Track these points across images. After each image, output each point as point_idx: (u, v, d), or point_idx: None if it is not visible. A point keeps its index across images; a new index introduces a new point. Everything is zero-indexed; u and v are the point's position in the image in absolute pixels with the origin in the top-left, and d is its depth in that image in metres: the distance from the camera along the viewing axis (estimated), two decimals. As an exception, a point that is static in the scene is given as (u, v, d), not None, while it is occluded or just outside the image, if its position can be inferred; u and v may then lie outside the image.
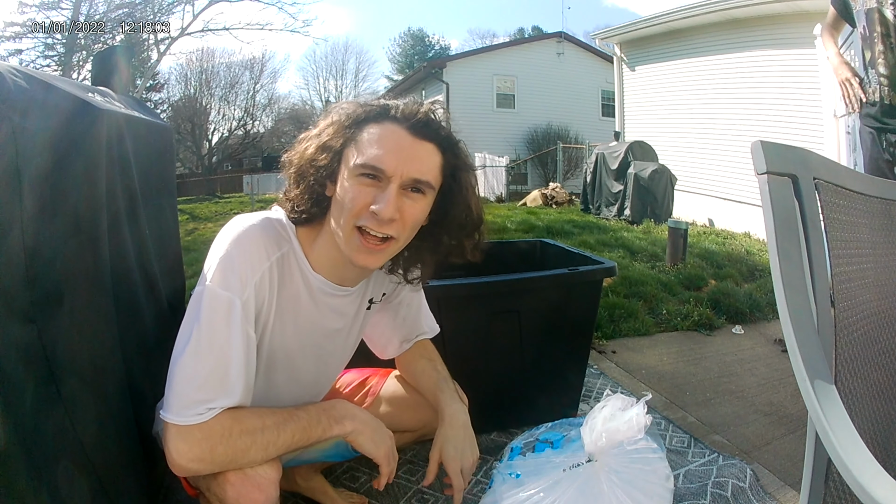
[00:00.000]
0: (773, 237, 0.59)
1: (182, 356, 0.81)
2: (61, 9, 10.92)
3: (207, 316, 0.81)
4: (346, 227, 0.85)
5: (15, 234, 0.75)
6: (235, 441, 0.82)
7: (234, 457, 0.83)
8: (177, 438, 0.80)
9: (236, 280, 0.83)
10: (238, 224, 0.87)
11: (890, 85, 1.83)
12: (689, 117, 7.28)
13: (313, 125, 0.92)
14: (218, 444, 0.81)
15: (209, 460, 0.81)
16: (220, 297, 0.82)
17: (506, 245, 2.19)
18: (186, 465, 0.81)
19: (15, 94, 0.77)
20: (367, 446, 0.95)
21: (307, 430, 0.89)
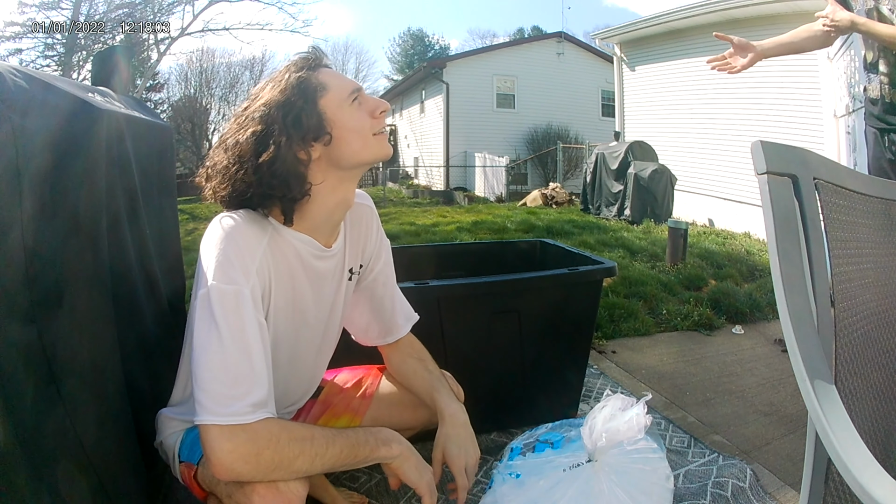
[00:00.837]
0: (773, 237, 0.59)
1: (205, 356, 0.80)
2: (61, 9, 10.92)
3: (220, 313, 0.81)
4: (367, 141, 0.93)
5: (15, 234, 0.75)
6: (284, 448, 0.81)
7: (280, 463, 0.81)
8: (220, 438, 0.78)
9: (237, 272, 0.83)
10: (219, 224, 0.88)
11: (890, 83, 1.83)
12: (689, 117, 7.28)
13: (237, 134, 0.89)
14: (265, 449, 0.79)
15: (255, 463, 0.79)
16: (228, 292, 0.82)
17: (506, 245, 2.19)
18: (232, 466, 0.78)
19: (15, 94, 0.77)
20: (411, 474, 0.94)
21: (355, 448, 0.89)
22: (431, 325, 1.50)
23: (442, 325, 1.50)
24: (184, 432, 1.01)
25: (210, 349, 0.80)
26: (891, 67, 1.82)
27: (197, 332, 0.82)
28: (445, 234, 5.44)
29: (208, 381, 0.79)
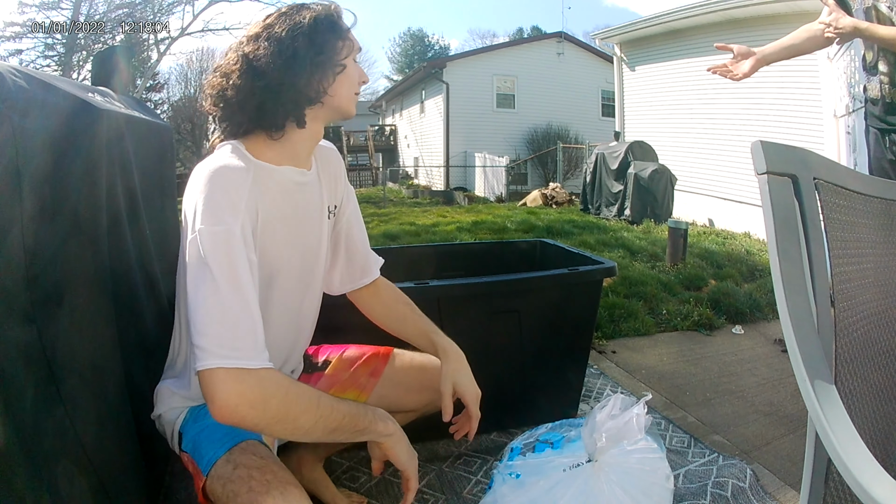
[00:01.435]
0: (773, 237, 0.59)
1: (202, 301, 0.78)
2: (61, 9, 10.93)
3: (212, 255, 0.79)
4: (350, 97, 0.99)
5: (15, 234, 0.75)
6: (291, 400, 0.80)
7: (286, 416, 0.80)
8: (228, 381, 0.75)
9: (225, 212, 0.82)
10: (203, 168, 0.86)
11: (891, 83, 1.83)
12: (689, 117, 7.28)
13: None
14: (273, 397, 0.78)
15: (262, 409, 0.77)
16: (218, 233, 0.80)
17: (506, 245, 2.20)
18: (238, 409, 0.76)
19: (15, 94, 0.77)
20: (402, 454, 0.95)
21: (355, 418, 0.88)
22: (431, 325, 1.50)
23: (442, 325, 1.50)
24: (187, 411, 0.99)
25: (206, 293, 0.78)
26: (891, 67, 1.82)
27: (191, 280, 0.80)
28: (445, 234, 5.44)
29: (208, 326, 0.77)
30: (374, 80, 33.90)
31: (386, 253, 1.30)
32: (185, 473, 1.43)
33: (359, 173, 17.82)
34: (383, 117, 22.57)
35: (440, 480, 1.43)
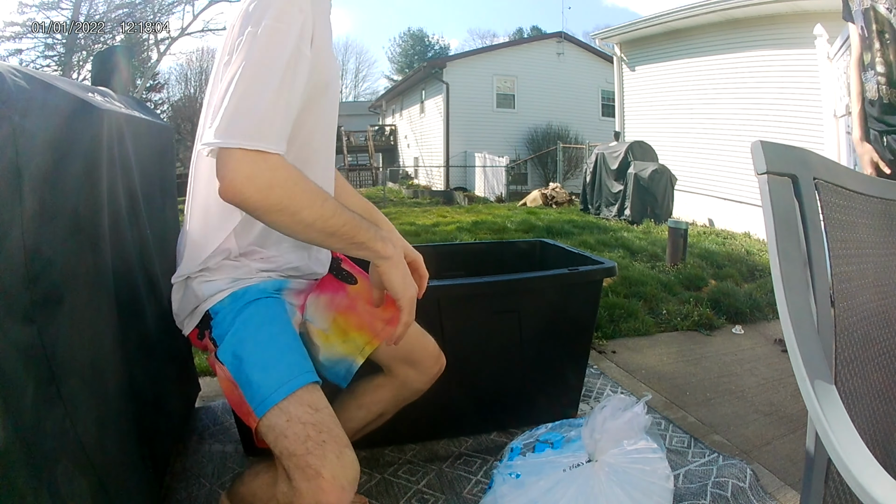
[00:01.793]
0: (773, 237, 0.59)
1: (244, 81, 0.77)
2: (61, 9, 10.93)
3: (270, 42, 0.79)
4: None
5: (15, 234, 0.75)
6: (297, 194, 0.80)
7: (287, 207, 0.79)
8: (243, 162, 0.76)
9: (295, 8, 0.81)
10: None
11: (888, 83, 1.83)
12: (689, 117, 7.28)
13: None
14: (279, 187, 0.78)
15: (265, 195, 0.77)
16: (280, 28, 0.79)
17: (506, 245, 2.19)
18: (242, 190, 0.76)
19: (15, 94, 0.77)
20: (395, 282, 0.91)
21: (357, 229, 0.87)
22: (431, 325, 1.50)
23: (442, 325, 1.50)
24: (228, 297, 0.95)
25: (251, 74, 0.77)
26: (888, 67, 1.82)
27: (238, 63, 0.78)
28: (445, 234, 5.44)
29: (243, 101, 0.76)
30: (374, 80, 33.94)
31: (386, 253, 1.30)
32: (186, 473, 1.44)
33: (359, 173, 17.83)
34: (383, 117, 22.58)
35: (440, 480, 1.43)
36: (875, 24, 1.81)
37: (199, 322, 0.97)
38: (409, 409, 1.56)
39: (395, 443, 1.59)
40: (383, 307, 1.11)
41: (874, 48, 1.84)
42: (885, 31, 1.79)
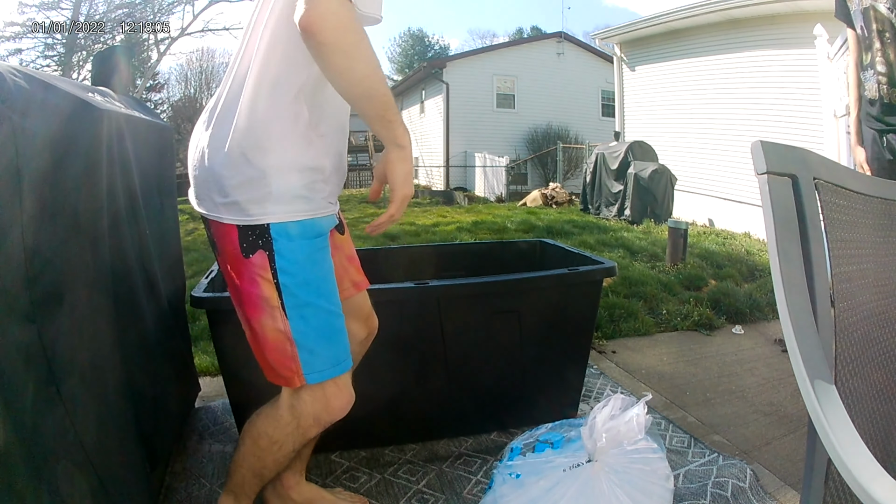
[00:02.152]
0: (773, 237, 0.59)
1: None
2: (61, 9, 10.93)
3: None
4: None
5: (15, 234, 0.75)
6: (363, 46, 0.85)
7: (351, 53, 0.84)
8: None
9: None
10: None
11: (888, 83, 1.83)
12: (689, 117, 7.28)
13: None
14: (353, 33, 0.84)
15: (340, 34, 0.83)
16: None
17: (506, 245, 2.19)
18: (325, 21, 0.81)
19: (15, 94, 0.77)
20: (398, 174, 0.93)
21: (391, 106, 0.91)
22: (431, 325, 1.50)
23: (442, 325, 1.50)
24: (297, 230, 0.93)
25: None
26: (888, 67, 1.82)
27: None
28: (445, 234, 5.44)
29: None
30: (374, 80, 33.82)
31: (386, 253, 1.30)
32: (186, 473, 1.44)
33: (359, 173, 17.81)
34: (383, 117, 22.52)
35: (440, 480, 1.43)
36: (875, 24, 1.81)
37: (250, 228, 0.92)
38: (409, 409, 1.56)
39: (395, 443, 1.59)
40: (355, 268, 1.19)
41: (874, 47, 1.83)
42: (885, 31, 1.79)
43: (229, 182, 0.92)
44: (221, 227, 0.94)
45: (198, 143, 0.96)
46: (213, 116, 0.95)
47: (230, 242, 0.93)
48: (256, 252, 0.92)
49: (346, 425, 1.55)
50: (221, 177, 0.92)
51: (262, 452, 1.05)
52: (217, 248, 0.97)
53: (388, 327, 1.46)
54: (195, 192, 0.97)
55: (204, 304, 1.35)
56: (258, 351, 0.98)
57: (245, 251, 0.93)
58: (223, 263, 0.97)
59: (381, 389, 1.51)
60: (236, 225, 0.92)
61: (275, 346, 0.95)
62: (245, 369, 1.43)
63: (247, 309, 0.96)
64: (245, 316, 0.97)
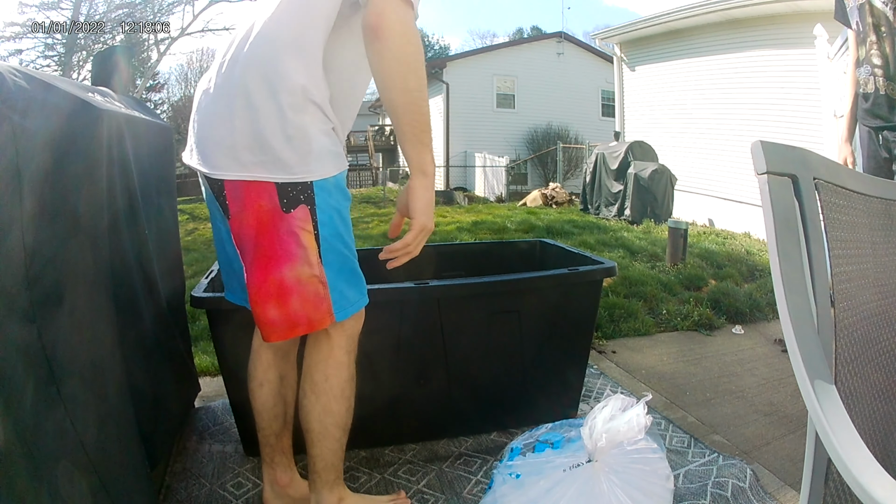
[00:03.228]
0: (773, 237, 0.59)
1: None
2: (61, 9, 10.93)
3: None
4: None
5: (15, 234, 0.75)
6: (419, 58, 0.95)
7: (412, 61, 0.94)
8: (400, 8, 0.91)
9: None
10: None
11: (884, 75, 1.82)
12: (689, 117, 7.28)
13: None
14: (414, 44, 0.93)
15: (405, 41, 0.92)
16: None
17: (506, 245, 2.19)
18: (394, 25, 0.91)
19: (15, 94, 0.77)
20: (422, 202, 1.03)
21: (429, 129, 1.00)
22: (431, 325, 1.50)
23: (442, 326, 1.50)
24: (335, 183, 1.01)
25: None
26: (884, 60, 1.81)
27: None
28: (445, 234, 5.44)
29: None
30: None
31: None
32: (186, 473, 1.44)
33: (359, 173, 17.81)
34: (383, 117, 22.55)
35: (440, 480, 1.43)
36: (871, 18, 1.81)
37: (291, 185, 0.96)
38: (409, 409, 1.56)
39: (395, 443, 1.59)
40: None
41: (869, 41, 1.83)
42: (880, 25, 1.79)
43: (272, 140, 0.94)
44: (253, 186, 0.96)
45: (218, 106, 0.98)
46: (239, 77, 0.96)
47: (267, 199, 0.97)
48: (298, 207, 0.97)
49: (346, 425, 1.55)
50: (262, 136, 0.94)
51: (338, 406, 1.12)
52: (236, 208, 0.99)
53: (388, 327, 1.46)
54: (213, 154, 0.98)
55: (204, 304, 1.35)
56: (282, 301, 1.00)
57: (286, 206, 0.97)
58: (250, 219, 0.98)
59: (381, 389, 1.51)
60: (275, 182, 0.96)
61: (308, 290, 1.00)
62: (245, 369, 1.43)
63: (279, 260, 0.98)
64: (271, 268, 0.99)
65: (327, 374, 1.11)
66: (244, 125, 0.95)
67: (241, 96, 0.95)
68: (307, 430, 1.13)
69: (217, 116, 0.98)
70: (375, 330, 1.48)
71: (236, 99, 0.96)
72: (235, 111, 0.95)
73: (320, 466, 1.14)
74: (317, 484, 1.15)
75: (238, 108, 0.95)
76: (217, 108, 0.98)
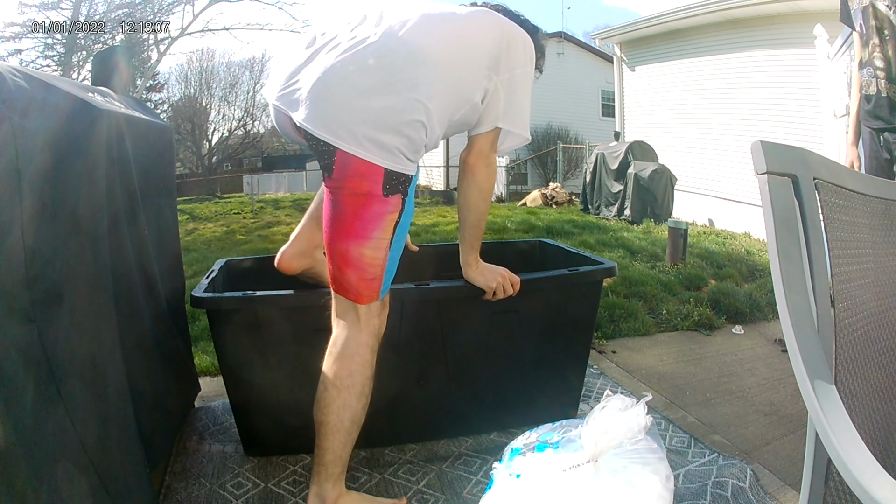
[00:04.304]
0: (773, 237, 0.59)
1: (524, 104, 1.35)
2: (61, 9, 10.93)
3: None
4: None
5: (15, 234, 0.75)
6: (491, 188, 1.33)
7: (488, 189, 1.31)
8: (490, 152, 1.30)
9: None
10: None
11: (886, 77, 1.83)
12: (689, 117, 7.28)
13: None
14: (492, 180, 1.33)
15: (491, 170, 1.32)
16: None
17: (506, 245, 2.19)
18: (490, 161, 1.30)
19: (15, 94, 0.77)
20: (473, 278, 1.40)
21: (480, 240, 1.38)
22: (431, 325, 1.50)
23: (442, 326, 1.50)
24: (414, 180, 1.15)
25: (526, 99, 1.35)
26: (886, 63, 1.82)
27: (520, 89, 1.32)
28: (445, 234, 5.44)
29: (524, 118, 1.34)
30: (374, 80, 33.91)
31: (386, 253, 1.30)
32: (186, 473, 1.44)
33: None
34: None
35: (440, 480, 1.43)
36: (874, 21, 1.81)
37: (397, 175, 1.08)
38: (409, 409, 1.56)
39: (395, 443, 1.59)
40: None
41: (871, 43, 1.84)
42: (884, 28, 1.79)
43: (399, 127, 1.06)
44: (365, 165, 1.05)
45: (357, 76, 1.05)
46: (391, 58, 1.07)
47: (373, 181, 1.06)
48: (396, 195, 1.09)
49: (346, 425, 1.55)
50: (389, 122, 1.05)
51: (357, 402, 1.18)
52: (339, 174, 1.07)
53: (388, 328, 1.46)
54: (333, 120, 1.04)
55: (204, 304, 1.35)
56: (344, 273, 1.13)
57: (387, 192, 1.08)
58: (347, 190, 1.08)
59: (381, 389, 1.51)
60: (384, 168, 1.06)
61: (370, 270, 1.12)
62: (245, 369, 1.43)
63: (352, 235, 1.10)
64: (346, 242, 1.11)
65: (352, 370, 1.16)
66: (379, 105, 1.04)
67: (386, 77, 1.05)
68: (323, 422, 1.16)
69: (352, 86, 1.04)
70: (375, 330, 1.48)
71: (382, 76, 1.05)
72: (377, 89, 1.04)
73: (329, 459, 1.16)
74: (321, 476, 1.17)
75: (380, 86, 1.04)
76: (356, 78, 1.05)
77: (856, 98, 1.99)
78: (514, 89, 1.24)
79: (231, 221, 7.95)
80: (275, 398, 1.44)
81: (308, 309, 1.42)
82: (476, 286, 1.46)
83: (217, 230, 7.09)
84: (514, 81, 1.24)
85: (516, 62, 1.23)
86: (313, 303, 1.45)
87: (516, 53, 1.23)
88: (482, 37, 1.18)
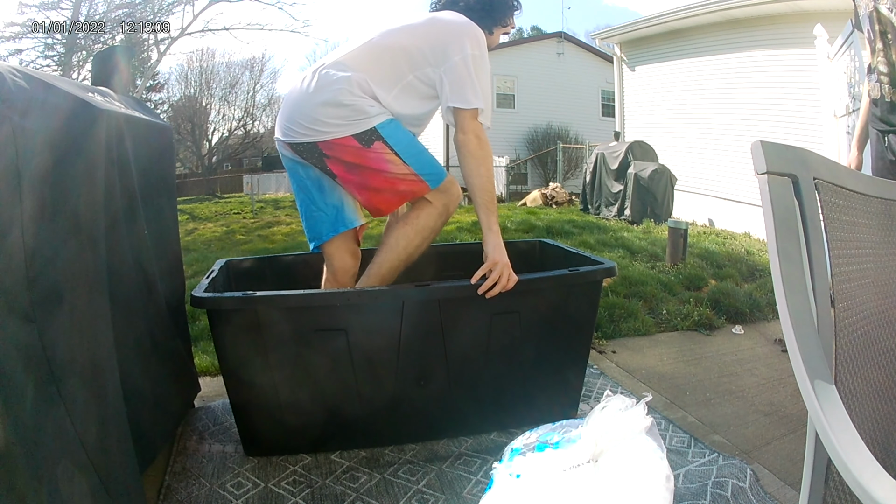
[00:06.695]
0: (773, 237, 0.59)
1: (484, 80, 1.67)
2: (61, 9, 10.92)
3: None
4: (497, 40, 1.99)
5: (15, 234, 0.75)
6: (490, 156, 1.58)
7: (485, 157, 1.56)
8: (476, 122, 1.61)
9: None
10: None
11: (890, 83, 1.83)
12: (689, 117, 7.28)
13: None
14: (484, 149, 1.56)
15: (482, 140, 1.58)
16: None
17: (506, 245, 2.18)
18: (479, 134, 1.57)
19: (15, 94, 0.77)
20: (489, 244, 1.51)
21: (495, 203, 1.54)
22: (432, 325, 1.50)
23: (442, 326, 1.50)
24: (386, 118, 1.50)
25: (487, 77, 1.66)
26: (890, 67, 1.82)
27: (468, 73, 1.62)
28: (445, 234, 5.44)
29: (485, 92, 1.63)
30: (374, 80, 33.95)
31: (386, 253, 1.30)
32: (186, 473, 1.44)
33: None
34: (383, 117, 22.56)
35: (440, 480, 1.43)
36: (878, 25, 1.81)
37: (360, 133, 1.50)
38: (409, 409, 1.56)
39: (395, 443, 1.59)
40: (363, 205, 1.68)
41: (876, 48, 1.84)
42: (887, 32, 1.79)
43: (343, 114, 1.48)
44: (336, 142, 1.48)
45: (313, 95, 1.49)
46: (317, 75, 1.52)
47: (352, 144, 1.48)
48: (375, 143, 1.48)
49: (347, 425, 1.55)
50: (338, 113, 1.48)
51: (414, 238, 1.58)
52: (338, 164, 1.52)
53: (388, 328, 1.46)
54: (292, 124, 1.52)
55: (204, 304, 1.35)
56: (391, 191, 1.54)
57: (365, 143, 1.48)
58: (348, 166, 1.51)
59: (381, 389, 1.51)
60: (348, 135, 1.47)
61: (407, 178, 1.52)
62: (245, 369, 1.43)
63: (380, 173, 1.51)
64: (375, 178, 1.52)
65: (420, 215, 1.57)
66: (318, 100, 1.49)
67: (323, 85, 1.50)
68: (384, 242, 1.62)
69: (301, 96, 1.52)
70: (376, 330, 1.48)
71: (319, 84, 1.50)
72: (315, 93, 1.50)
73: (374, 271, 1.59)
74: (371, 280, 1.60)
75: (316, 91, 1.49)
76: (308, 97, 1.51)
77: (865, 103, 2.00)
78: (456, 73, 1.54)
79: (231, 221, 7.95)
80: (275, 398, 1.45)
81: (308, 309, 1.42)
82: (475, 286, 1.47)
83: (217, 230, 7.09)
84: (454, 68, 1.55)
85: (451, 52, 1.55)
86: (313, 303, 1.45)
87: (450, 46, 1.55)
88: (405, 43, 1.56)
